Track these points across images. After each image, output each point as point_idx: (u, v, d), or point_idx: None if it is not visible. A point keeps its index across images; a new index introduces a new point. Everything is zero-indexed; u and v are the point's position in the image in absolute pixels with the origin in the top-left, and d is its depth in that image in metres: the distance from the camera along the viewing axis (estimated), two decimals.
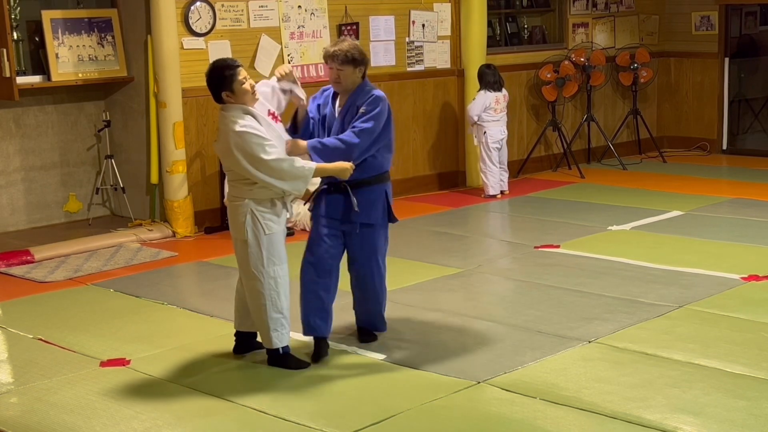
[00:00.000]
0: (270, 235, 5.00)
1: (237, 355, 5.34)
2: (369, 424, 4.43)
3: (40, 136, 8.65)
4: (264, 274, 5.01)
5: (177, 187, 8.32)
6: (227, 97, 4.94)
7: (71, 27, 8.37)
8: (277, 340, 5.08)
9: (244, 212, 4.96)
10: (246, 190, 4.96)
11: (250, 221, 4.96)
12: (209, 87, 5.01)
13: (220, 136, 5.00)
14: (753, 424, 4.30)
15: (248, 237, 4.97)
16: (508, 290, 6.64)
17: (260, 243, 4.98)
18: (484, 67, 9.72)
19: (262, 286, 5.02)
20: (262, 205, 4.98)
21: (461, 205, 9.46)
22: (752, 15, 12.81)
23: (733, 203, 9.05)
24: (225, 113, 4.96)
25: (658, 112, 12.38)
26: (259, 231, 4.97)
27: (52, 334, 5.82)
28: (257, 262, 5.00)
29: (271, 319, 5.05)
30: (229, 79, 4.92)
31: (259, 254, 4.99)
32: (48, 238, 8.10)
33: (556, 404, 4.58)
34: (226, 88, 4.93)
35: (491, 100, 9.57)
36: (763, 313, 5.83)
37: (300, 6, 9.01)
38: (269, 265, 5.01)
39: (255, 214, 4.96)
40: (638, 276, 6.69)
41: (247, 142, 4.84)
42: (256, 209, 4.96)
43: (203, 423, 4.53)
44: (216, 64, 5.04)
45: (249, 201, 4.96)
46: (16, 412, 4.72)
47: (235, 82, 4.92)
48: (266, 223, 4.98)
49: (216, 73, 4.97)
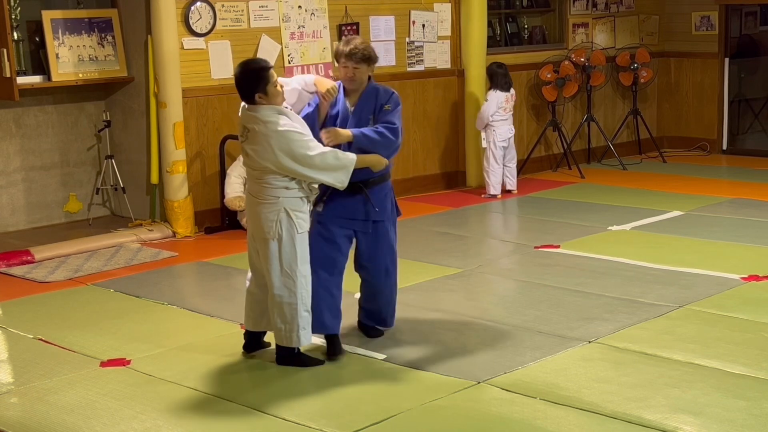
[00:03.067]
0: (302, 234, 5.04)
1: (247, 353, 5.35)
2: (369, 424, 4.43)
3: (41, 136, 8.65)
4: (298, 273, 5.03)
5: (177, 187, 8.32)
6: (260, 98, 4.95)
7: (71, 27, 8.38)
8: (304, 338, 5.10)
9: (277, 211, 4.97)
10: (281, 189, 4.97)
11: (284, 220, 4.98)
12: (241, 86, 4.98)
13: (253, 138, 4.95)
14: (753, 424, 4.30)
15: (283, 236, 4.98)
16: (508, 290, 6.64)
17: (294, 242, 5.00)
18: (495, 66, 9.72)
19: (295, 285, 5.03)
20: (296, 205, 5.00)
21: (461, 205, 9.46)
22: (752, 15, 12.81)
23: (733, 203, 9.05)
24: (257, 114, 4.95)
25: (658, 112, 12.38)
26: (294, 230, 4.99)
27: (52, 334, 5.83)
28: (291, 262, 5.01)
29: (301, 317, 5.06)
30: (264, 81, 4.93)
31: (294, 253, 5.01)
32: (48, 238, 8.10)
33: (556, 404, 4.58)
34: (260, 90, 4.94)
35: (502, 100, 9.59)
36: (763, 313, 5.83)
37: (300, 6, 9.01)
38: (302, 264, 5.04)
39: (289, 213, 4.98)
40: (638, 276, 6.69)
41: (291, 140, 4.88)
42: (290, 209, 4.99)
43: (203, 423, 4.53)
44: (250, 65, 5.04)
45: (283, 200, 4.98)
46: (16, 412, 4.72)
47: (269, 84, 4.94)
48: (299, 222, 5.01)
49: (251, 74, 4.97)
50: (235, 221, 8.41)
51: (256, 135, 4.96)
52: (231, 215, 8.45)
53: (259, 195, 5.03)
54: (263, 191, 5.00)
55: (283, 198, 4.98)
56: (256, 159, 4.97)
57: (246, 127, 5.02)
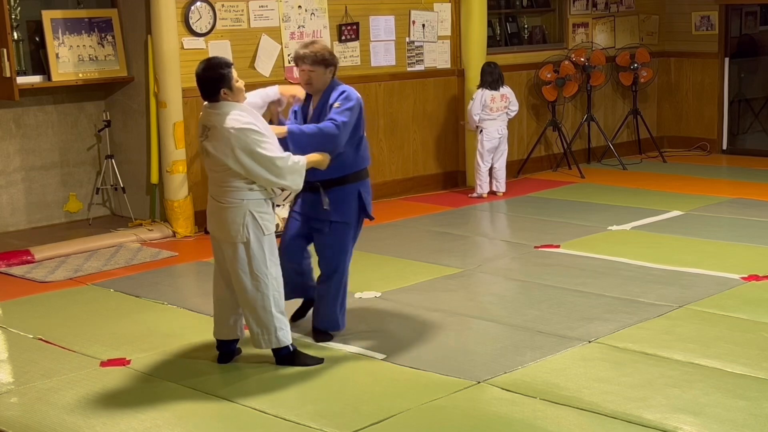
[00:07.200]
0: (269, 235, 5.01)
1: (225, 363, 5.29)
2: (369, 424, 4.43)
3: (40, 136, 8.65)
4: (267, 275, 5.01)
5: (177, 187, 8.33)
6: (224, 95, 4.94)
7: (71, 27, 8.38)
8: (284, 338, 5.10)
9: (242, 214, 4.94)
10: (245, 191, 4.95)
11: (250, 222, 4.95)
12: (205, 84, 4.95)
13: (213, 134, 4.91)
14: (753, 424, 4.30)
15: (250, 238, 4.96)
16: (508, 290, 6.64)
17: (262, 244, 4.98)
18: (486, 65, 9.73)
19: (266, 287, 5.02)
20: (260, 206, 4.98)
21: (461, 205, 9.46)
22: (752, 15, 12.81)
23: (733, 203, 9.05)
24: (218, 111, 4.91)
25: (658, 112, 12.38)
26: (260, 232, 4.98)
27: (52, 334, 5.83)
28: (260, 264, 4.99)
29: (276, 318, 5.06)
30: (227, 77, 4.93)
31: (262, 255, 4.99)
32: (48, 238, 8.10)
33: (556, 404, 4.58)
34: (225, 85, 4.93)
35: (487, 99, 9.57)
36: (763, 313, 5.83)
37: (300, 6, 9.01)
38: (271, 266, 5.03)
39: (254, 215, 4.96)
40: (638, 276, 6.69)
41: (249, 138, 4.84)
42: (255, 210, 4.97)
43: (203, 423, 4.53)
44: (213, 62, 5.02)
45: (247, 202, 4.95)
46: (16, 412, 4.72)
47: (233, 80, 4.95)
48: (264, 223, 4.99)
49: (215, 71, 4.95)
50: None
51: (216, 132, 4.90)
52: None
53: (222, 199, 4.98)
54: (227, 194, 4.96)
55: (247, 200, 4.94)
56: (216, 156, 4.91)
57: (206, 126, 4.96)
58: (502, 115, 9.71)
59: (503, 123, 9.73)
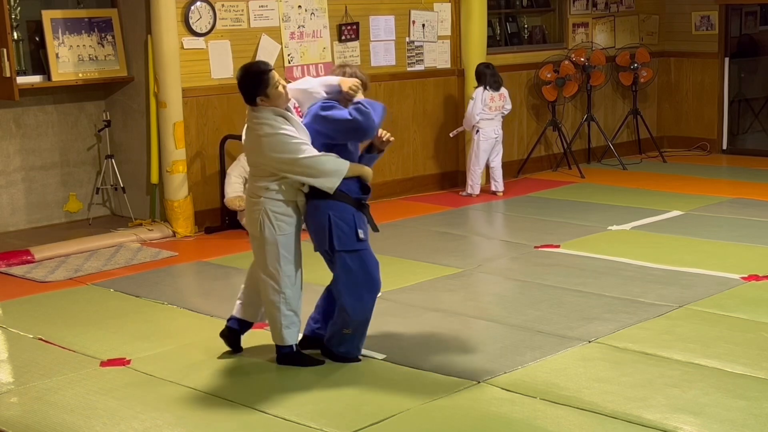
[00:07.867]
0: (286, 236, 5.06)
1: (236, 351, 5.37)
2: (369, 424, 4.43)
3: (40, 136, 8.65)
4: (280, 272, 5.06)
5: (177, 187, 8.33)
6: (261, 101, 4.99)
7: (71, 27, 8.38)
8: (288, 337, 5.13)
9: (259, 210, 5.04)
10: (262, 189, 5.03)
11: (265, 220, 5.03)
12: (243, 90, 5.03)
13: (248, 135, 5.07)
14: (753, 424, 4.30)
15: (265, 235, 5.03)
16: (508, 290, 6.64)
17: (277, 242, 5.04)
18: (482, 66, 9.72)
19: (278, 283, 5.07)
20: (275, 207, 5.03)
21: (461, 205, 9.46)
22: (752, 15, 12.82)
23: (733, 203, 9.05)
24: (255, 114, 5.03)
25: (658, 112, 12.38)
26: (274, 231, 5.03)
27: (52, 334, 5.83)
28: (274, 260, 5.06)
29: (284, 316, 5.09)
30: (264, 84, 4.97)
31: (276, 253, 5.05)
32: (48, 238, 8.10)
33: (556, 404, 4.58)
34: (261, 93, 4.98)
35: (487, 98, 9.58)
36: (763, 313, 5.83)
37: (300, 6, 9.01)
38: (285, 264, 5.07)
39: (269, 214, 5.02)
40: (638, 276, 6.69)
41: (281, 143, 4.92)
42: (271, 210, 5.02)
43: (203, 423, 4.53)
44: (251, 69, 5.07)
45: (264, 200, 5.03)
46: (16, 412, 4.72)
47: (270, 87, 4.97)
48: (278, 224, 5.04)
49: (251, 78, 5.00)
50: (235, 221, 8.40)
51: (251, 133, 5.06)
52: (231, 215, 8.45)
53: (250, 192, 5.15)
54: (253, 189, 5.12)
55: (264, 198, 5.03)
56: (249, 156, 5.12)
57: (248, 125, 5.11)
58: (498, 115, 9.72)
59: (499, 123, 9.74)
